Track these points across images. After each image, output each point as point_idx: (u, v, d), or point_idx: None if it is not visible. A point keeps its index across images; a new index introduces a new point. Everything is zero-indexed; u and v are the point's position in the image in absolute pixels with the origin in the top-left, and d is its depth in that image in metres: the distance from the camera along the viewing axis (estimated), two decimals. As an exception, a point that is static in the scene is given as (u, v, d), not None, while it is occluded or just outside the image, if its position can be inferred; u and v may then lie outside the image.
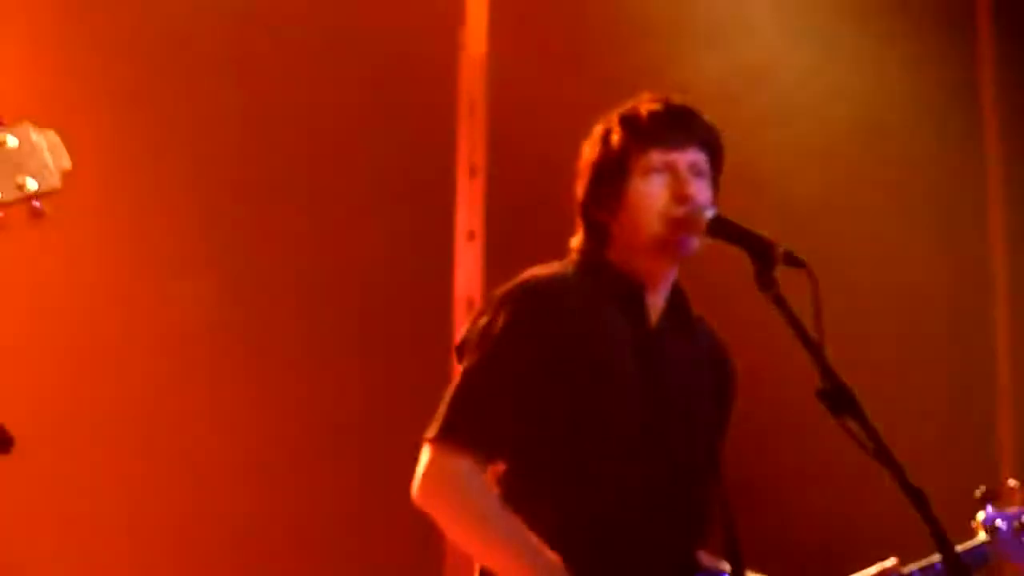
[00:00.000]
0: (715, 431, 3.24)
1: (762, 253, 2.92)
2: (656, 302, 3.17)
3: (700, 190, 3.12)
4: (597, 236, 3.18)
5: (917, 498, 2.78)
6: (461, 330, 3.15)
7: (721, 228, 3.05)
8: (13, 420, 2.42)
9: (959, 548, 3.14)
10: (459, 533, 3.02)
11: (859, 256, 5.49)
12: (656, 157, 3.12)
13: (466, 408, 3.00)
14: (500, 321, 3.04)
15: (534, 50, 5.11)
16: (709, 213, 3.07)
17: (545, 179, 3.79)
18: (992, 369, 5.69)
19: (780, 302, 2.86)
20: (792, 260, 2.89)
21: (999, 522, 3.25)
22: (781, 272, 2.89)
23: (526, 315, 3.04)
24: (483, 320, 3.08)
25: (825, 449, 3.68)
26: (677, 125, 3.16)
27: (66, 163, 2.28)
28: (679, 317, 3.22)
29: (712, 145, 3.18)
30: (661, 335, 3.17)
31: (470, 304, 4.83)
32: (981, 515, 3.28)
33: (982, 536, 3.26)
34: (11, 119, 2.28)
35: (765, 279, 2.90)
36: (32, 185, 2.25)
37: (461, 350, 3.11)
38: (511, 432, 3.00)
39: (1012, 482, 3.31)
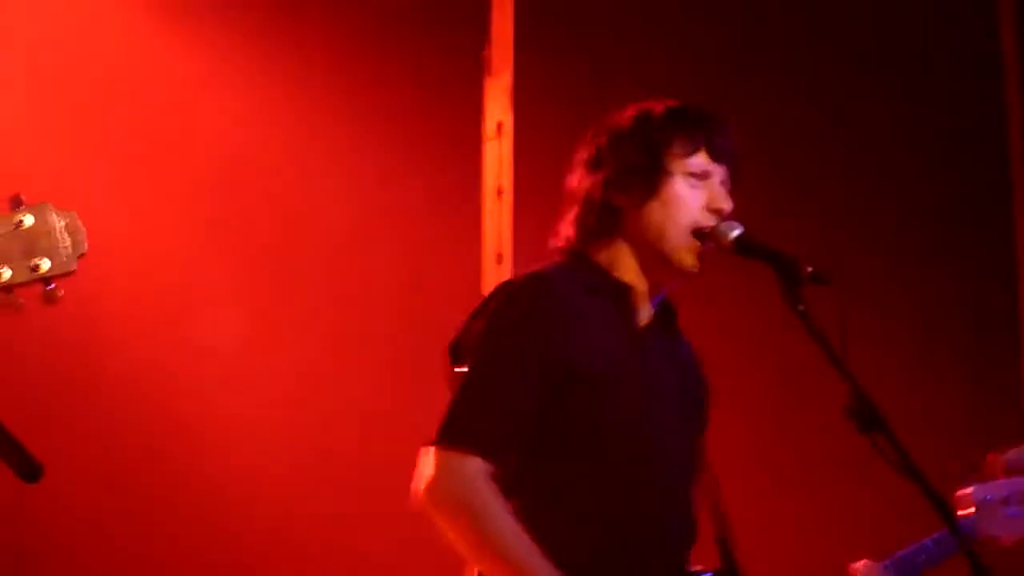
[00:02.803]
0: (698, 435, 3.21)
1: (788, 271, 2.93)
2: (645, 307, 3.14)
3: (730, 206, 3.11)
4: (605, 221, 3.11)
5: (946, 513, 2.81)
6: (454, 333, 3.09)
7: (748, 246, 3.04)
8: (51, 445, 2.43)
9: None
10: (467, 539, 2.92)
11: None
12: (701, 162, 3.10)
13: (473, 412, 2.95)
14: (499, 323, 3.01)
15: (561, 69, 5.18)
16: (736, 231, 3.07)
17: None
18: (1017, 379, 5.69)
19: (806, 319, 2.86)
20: (819, 278, 2.90)
21: (985, 496, 3.24)
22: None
23: (524, 315, 3.00)
24: (482, 323, 3.03)
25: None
26: (723, 135, 3.15)
27: (83, 247, 2.24)
28: (665, 324, 3.19)
29: (738, 164, 3.17)
30: (649, 339, 3.13)
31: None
32: (968, 489, 3.27)
33: (964, 512, 3.25)
34: (33, 199, 2.26)
35: (791, 296, 2.90)
36: (46, 266, 2.22)
37: (458, 353, 3.05)
38: (519, 436, 2.95)
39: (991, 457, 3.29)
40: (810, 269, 2.92)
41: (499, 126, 5.07)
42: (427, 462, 2.94)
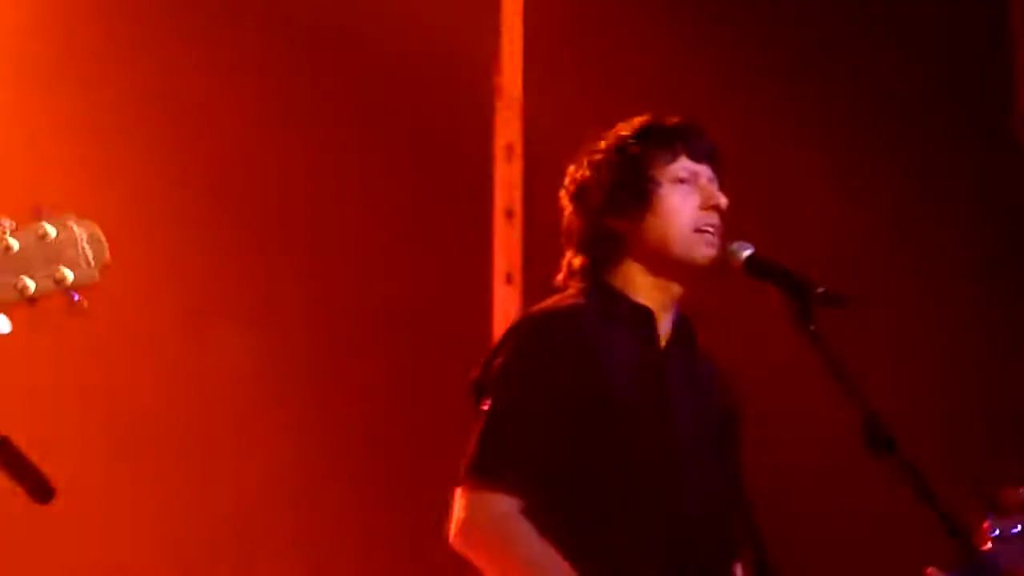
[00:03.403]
0: (729, 451, 3.19)
1: (800, 292, 2.91)
2: (664, 325, 3.14)
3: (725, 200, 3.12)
4: (610, 249, 3.13)
5: (963, 539, 2.77)
6: (474, 369, 3.10)
7: (758, 267, 3.03)
8: (55, 467, 2.42)
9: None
10: None
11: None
12: (684, 166, 3.12)
13: (498, 448, 2.95)
14: (519, 358, 3.01)
15: (570, 92, 5.16)
16: (746, 252, 3.05)
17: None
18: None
19: (818, 340, 2.83)
20: (831, 300, 2.88)
21: (1005, 530, 3.19)
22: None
23: (544, 348, 3.01)
24: (500, 358, 3.03)
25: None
26: (700, 137, 3.17)
27: (106, 256, 2.24)
28: (685, 341, 3.18)
29: (720, 162, 3.18)
30: (670, 358, 3.13)
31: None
32: (986, 524, 3.22)
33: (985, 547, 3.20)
34: (54, 209, 2.23)
35: (802, 317, 2.88)
36: (70, 277, 2.18)
37: (480, 389, 3.05)
38: (544, 469, 2.94)
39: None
40: (821, 290, 2.89)
41: (509, 148, 5.08)
42: (457, 504, 2.94)
